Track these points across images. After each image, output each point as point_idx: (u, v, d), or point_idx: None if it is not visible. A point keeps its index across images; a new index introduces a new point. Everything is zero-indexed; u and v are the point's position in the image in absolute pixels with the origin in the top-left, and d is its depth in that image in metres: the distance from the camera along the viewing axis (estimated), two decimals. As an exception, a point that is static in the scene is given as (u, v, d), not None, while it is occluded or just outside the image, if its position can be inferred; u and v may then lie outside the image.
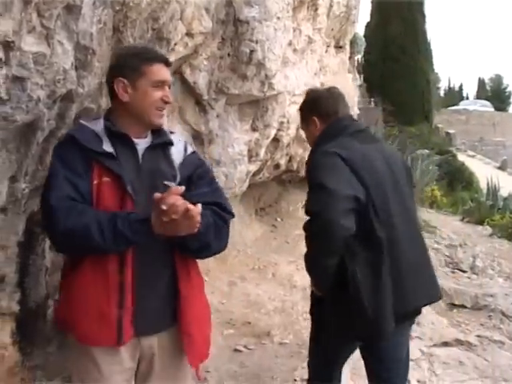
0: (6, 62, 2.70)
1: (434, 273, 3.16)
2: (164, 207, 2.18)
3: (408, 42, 25.49)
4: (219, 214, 2.57)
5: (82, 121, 2.79)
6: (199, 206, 2.27)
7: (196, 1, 4.73)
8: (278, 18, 5.82)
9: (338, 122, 3.21)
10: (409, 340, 3.22)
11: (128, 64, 2.56)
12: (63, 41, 2.99)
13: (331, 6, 7.96)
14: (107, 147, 2.52)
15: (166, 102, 2.61)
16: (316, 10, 7.08)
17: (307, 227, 2.89)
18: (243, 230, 7.14)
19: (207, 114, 5.44)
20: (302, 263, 6.45)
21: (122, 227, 2.29)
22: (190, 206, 2.21)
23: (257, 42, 5.51)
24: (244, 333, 5.00)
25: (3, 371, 3.82)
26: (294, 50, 6.62)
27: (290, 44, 6.40)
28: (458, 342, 5.41)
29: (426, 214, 12.98)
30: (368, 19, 27.02)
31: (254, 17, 5.43)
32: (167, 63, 2.66)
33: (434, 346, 5.30)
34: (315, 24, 7.22)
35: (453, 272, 7.96)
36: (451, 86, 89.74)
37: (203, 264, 6.12)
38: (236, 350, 4.75)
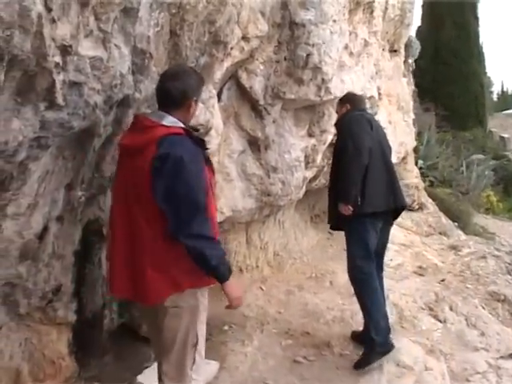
0: (64, 67, 2.64)
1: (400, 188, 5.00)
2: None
3: (460, 45, 24.97)
4: None
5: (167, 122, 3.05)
6: None
7: (251, 4, 4.63)
8: (334, 20, 5.67)
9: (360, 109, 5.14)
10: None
11: (199, 89, 3.22)
12: (120, 44, 2.93)
13: (386, 8, 7.76)
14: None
15: None
16: (372, 12, 6.91)
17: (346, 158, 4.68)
18: (299, 237, 7.00)
19: (263, 119, 5.32)
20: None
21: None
22: None
23: (313, 46, 5.37)
24: (303, 343, 4.85)
25: (60, 382, 3.77)
26: (350, 54, 6.46)
27: (346, 47, 6.24)
28: (527, 354, 5.17)
29: (482, 220, 12.64)
30: (419, 23, 26.68)
31: (310, 20, 5.29)
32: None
33: (502, 358, 5.07)
34: (371, 27, 7.05)
35: (514, 279, 7.66)
36: (504, 89, 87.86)
37: (259, 273, 6.13)
38: (295, 362, 4.61)
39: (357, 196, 4.60)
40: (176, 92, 3.04)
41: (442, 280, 6.73)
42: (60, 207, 3.33)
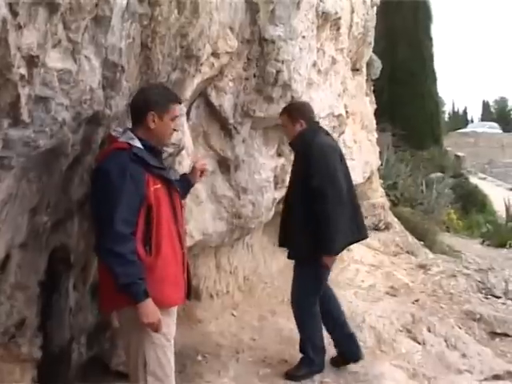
0: (29, 81, 2.39)
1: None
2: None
3: (416, 65, 25.30)
4: None
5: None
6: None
7: (221, 19, 4.45)
8: (304, 36, 5.54)
9: (315, 124, 4.94)
10: None
11: (159, 102, 3.16)
12: (90, 56, 2.70)
13: (351, 26, 7.70)
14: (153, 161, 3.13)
15: (175, 130, 3.43)
16: (338, 29, 6.80)
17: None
18: (268, 260, 6.80)
19: (233, 138, 5.12)
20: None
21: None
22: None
23: (283, 62, 5.21)
24: (281, 372, 4.62)
25: (24, 424, 3.47)
26: (318, 71, 6.33)
27: (314, 65, 6.11)
28: (510, 375, 5.03)
29: (446, 238, 12.66)
30: (374, 44, 26.91)
31: (280, 36, 5.14)
32: (180, 102, 3.51)
33: (486, 380, 4.94)
34: (337, 44, 6.94)
35: (486, 298, 7.57)
36: (455, 109, 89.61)
37: (230, 298, 5.90)
38: (274, 392, 4.41)
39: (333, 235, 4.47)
40: (134, 107, 3.19)
41: (416, 300, 6.61)
42: (24, 234, 3.07)
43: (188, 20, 3.54)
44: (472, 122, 71.28)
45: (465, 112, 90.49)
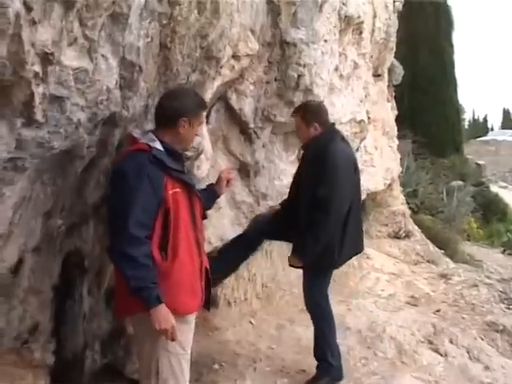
0: (44, 79, 2.32)
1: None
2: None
3: (437, 72, 25.09)
4: None
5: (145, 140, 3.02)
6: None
7: (242, 21, 4.36)
8: (326, 40, 5.44)
9: (331, 127, 4.63)
10: None
11: (197, 112, 3.17)
12: (107, 55, 2.62)
13: (373, 30, 7.58)
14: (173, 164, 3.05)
15: (197, 135, 3.48)
16: (361, 33, 6.69)
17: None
18: (286, 267, 6.66)
19: (253, 143, 5.02)
20: (353, 302, 6.08)
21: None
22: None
23: (304, 66, 5.12)
24: (299, 382, 4.50)
25: (36, 431, 3.40)
26: (340, 76, 6.22)
27: (336, 69, 6.01)
28: (534, 388, 4.89)
29: (467, 247, 12.49)
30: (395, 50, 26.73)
31: (302, 39, 5.04)
32: (206, 108, 3.59)
33: (511, 393, 4.79)
34: (360, 49, 6.84)
35: (509, 308, 7.39)
36: (475, 117, 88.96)
37: (248, 306, 5.80)
38: (293, 403, 4.30)
39: (334, 248, 4.40)
40: (167, 111, 3.06)
41: (438, 310, 6.46)
42: (37, 238, 3.00)
43: (208, 20, 3.45)
44: (492, 129, 70.67)
45: (485, 120, 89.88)
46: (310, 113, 4.56)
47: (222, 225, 4.83)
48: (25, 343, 3.26)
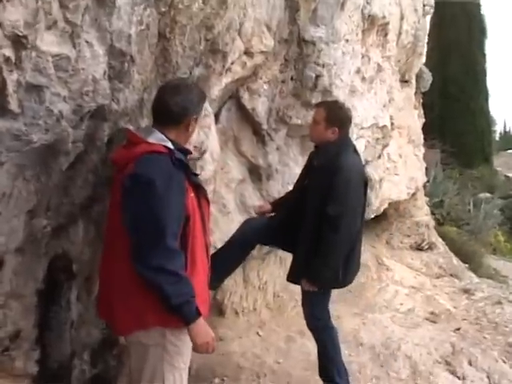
0: (18, 65, 2.10)
1: None
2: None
3: (468, 81, 24.70)
4: None
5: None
6: None
7: (256, 15, 4.14)
8: (347, 40, 5.19)
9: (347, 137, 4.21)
10: None
11: (200, 106, 2.92)
12: (92, 41, 2.39)
13: (400, 33, 7.29)
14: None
15: None
16: (386, 35, 6.42)
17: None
18: (300, 276, 6.42)
19: (266, 145, 4.79)
20: (368, 316, 5.79)
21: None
22: None
23: (323, 66, 4.88)
24: (304, 401, 4.25)
25: None
26: (363, 79, 5.95)
27: (358, 71, 5.75)
28: None
29: (492, 262, 12.09)
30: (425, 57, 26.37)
31: (321, 37, 4.80)
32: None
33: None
34: (384, 51, 6.55)
35: (538, 331, 7.04)
36: (507, 129, 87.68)
37: (257, 316, 5.54)
38: (296, 424, 4.03)
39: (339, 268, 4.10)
40: (175, 108, 2.77)
41: (458, 329, 6.12)
42: (20, 238, 2.78)
43: (215, 11, 3.22)
44: (524, 142, 69.56)
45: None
46: (337, 114, 4.09)
47: (230, 229, 4.57)
48: (5, 350, 3.03)
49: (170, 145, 2.73)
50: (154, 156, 2.66)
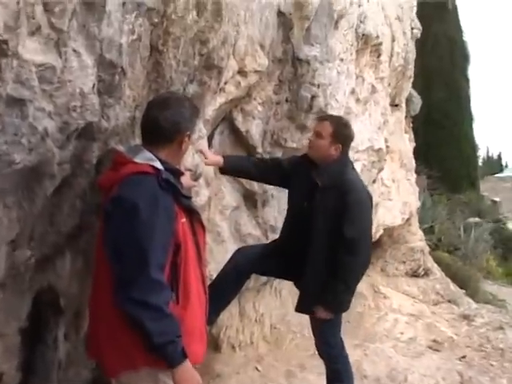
0: (-3, 74, 1.86)
1: None
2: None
3: (452, 107, 24.84)
4: None
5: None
6: None
7: (249, 32, 3.94)
8: (342, 59, 5.03)
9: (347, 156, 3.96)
10: None
11: (193, 122, 2.69)
12: (80, 50, 2.16)
13: (392, 55, 7.16)
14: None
15: None
16: (379, 56, 6.27)
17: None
18: (297, 307, 6.18)
19: (261, 170, 4.59)
20: (370, 347, 5.54)
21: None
22: None
23: (318, 86, 4.70)
24: None
25: None
26: (357, 100, 5.79)
27: (352, 92, 5.57)
28: None
29: (487, 286, 11.96)
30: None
31: (316, 56, 4.63)
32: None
33: None
34: (377, 72, 6.41)
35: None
36: (490, 154, 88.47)
37: (254, 350, 5.27)
38: None
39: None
40: (165, 123, 2.51)
41: (463, 357, 5.90)
42: (1, 271, 2.52)
43: (209, 24, 3.02)
44: (506, 167, 70.19)
45: (499, 157, 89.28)
46: (343, 132, 3.82)
47: (225, 260, 4.31)
48: (-14, 397, 2.76)
49: (158, 164, 2.47)
50: (139, 177, 2.41)
